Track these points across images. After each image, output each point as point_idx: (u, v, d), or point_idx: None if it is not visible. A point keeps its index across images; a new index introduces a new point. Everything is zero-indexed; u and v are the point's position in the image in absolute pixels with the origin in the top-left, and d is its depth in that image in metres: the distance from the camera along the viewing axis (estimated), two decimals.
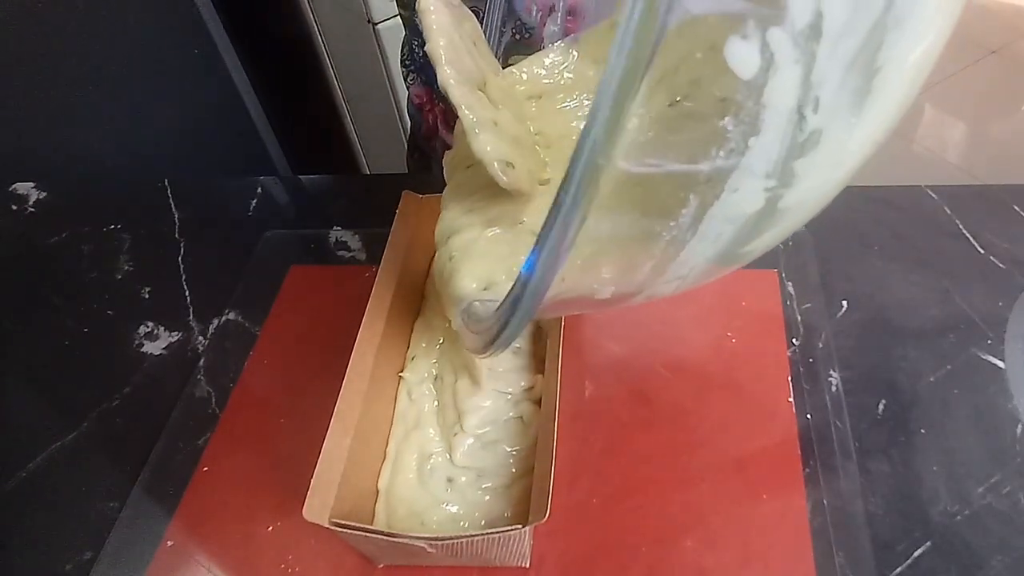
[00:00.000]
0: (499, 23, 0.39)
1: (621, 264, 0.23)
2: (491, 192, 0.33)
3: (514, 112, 0.34)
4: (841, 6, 0.17)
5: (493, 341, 0.24)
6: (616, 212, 0.19)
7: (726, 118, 0.18)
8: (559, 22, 0.39)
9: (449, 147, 0.39)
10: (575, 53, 0.37)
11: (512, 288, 0.21)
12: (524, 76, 0.38)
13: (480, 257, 0.32)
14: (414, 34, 0.63)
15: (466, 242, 0.33)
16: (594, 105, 0.16)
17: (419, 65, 0.64)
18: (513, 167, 0.30)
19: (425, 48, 0.30)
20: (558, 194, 0.17)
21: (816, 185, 0.22)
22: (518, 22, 0.45)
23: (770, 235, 0.24)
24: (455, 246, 0.33)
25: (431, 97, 0.65)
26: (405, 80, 0.67)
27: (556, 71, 0.38)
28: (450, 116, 0.62)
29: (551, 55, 0.38)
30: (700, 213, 0.20)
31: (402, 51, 0.65)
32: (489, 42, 0.38)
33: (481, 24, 0.38)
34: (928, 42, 0.19)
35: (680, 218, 0.20)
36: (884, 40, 0.18)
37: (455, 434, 0.40)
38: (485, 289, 0.30)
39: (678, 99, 0.19)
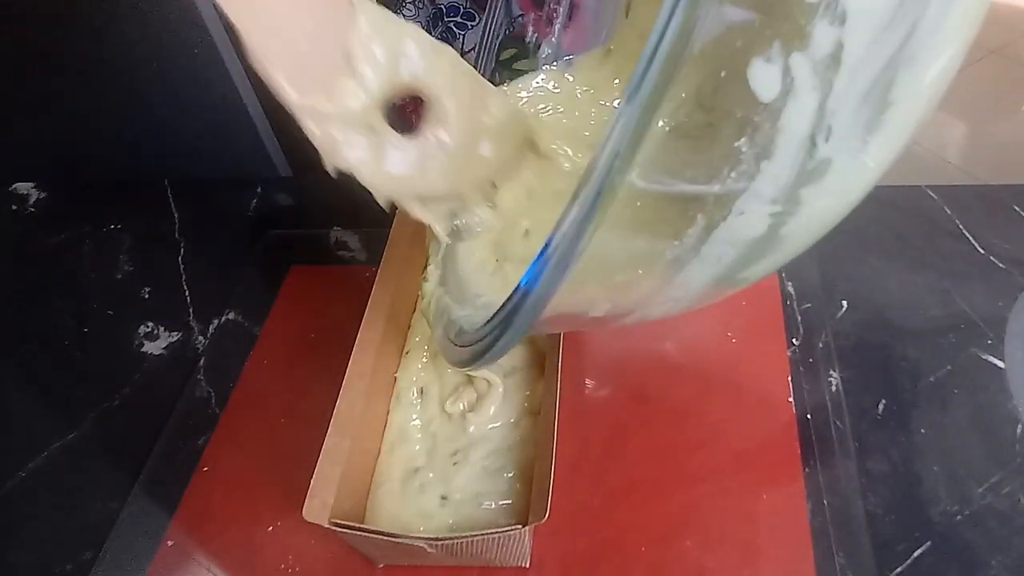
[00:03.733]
0: (498, 27, 0.38)
1: (619, 282, 0.23)
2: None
3: None
4: (859, 38, 0.17)
5: (482, 354, 0.23)
6: (621, 229, 0.19)
7: (742, 139, 0.18)
8: (556, 35, 0.39)
9: None
10: (570, 77, 0.38)
11: (509, 299, 0.21)
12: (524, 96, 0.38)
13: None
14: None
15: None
16: (617, 116, 0.16)
17: None
18: None
19: None
20: (569, 205, 0.17)
21: (819, 214, 0.22)
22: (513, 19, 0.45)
23: (769, 261, 0.24)
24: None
25: None
26: None
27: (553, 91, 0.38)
28: None
29: (540, 77, 0.38)
30: (705, 235, 0.21)
31: None
32: (485, 44, 0.38)
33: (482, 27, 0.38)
34: (939, 85, 0.20)
35: (685, 238, 0.21)
36: (896, 77, 0.19)
37: (455, 463, 0.40)
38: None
39: (697, 117, 0.19)
